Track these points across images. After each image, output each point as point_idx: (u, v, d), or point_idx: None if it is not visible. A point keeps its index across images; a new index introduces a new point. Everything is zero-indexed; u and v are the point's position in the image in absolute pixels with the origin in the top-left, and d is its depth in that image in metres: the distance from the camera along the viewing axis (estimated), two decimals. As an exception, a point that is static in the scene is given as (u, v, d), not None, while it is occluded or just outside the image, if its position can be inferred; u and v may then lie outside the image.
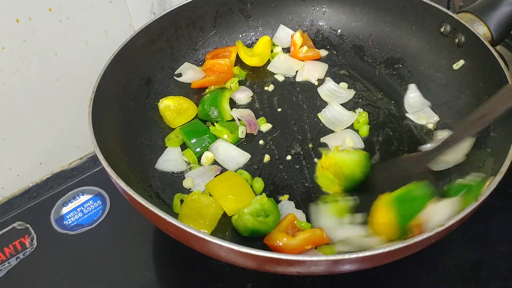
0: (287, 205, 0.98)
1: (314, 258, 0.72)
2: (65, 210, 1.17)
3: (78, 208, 1.17)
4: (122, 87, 1.12)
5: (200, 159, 1.07)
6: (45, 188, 1.29)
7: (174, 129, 1.12)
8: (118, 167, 0.95)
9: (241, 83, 1.26)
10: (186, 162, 1.07)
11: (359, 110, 1.19)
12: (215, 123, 1.10)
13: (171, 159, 1.08)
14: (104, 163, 0.88)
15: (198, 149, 1.07)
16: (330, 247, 0.88)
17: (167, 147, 1.09)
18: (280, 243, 0.84)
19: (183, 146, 1.10)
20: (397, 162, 1.03)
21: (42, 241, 1.10)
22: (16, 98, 1.17)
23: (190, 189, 1.04)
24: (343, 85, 1.25)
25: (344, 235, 0.89)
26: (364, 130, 1.13)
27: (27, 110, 1.20)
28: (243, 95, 1.21)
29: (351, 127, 1.16)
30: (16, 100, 1.17)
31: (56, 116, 1.27)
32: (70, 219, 1.14)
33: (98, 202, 1.19)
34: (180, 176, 1.07)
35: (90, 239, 1.10)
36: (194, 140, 1.07)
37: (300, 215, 0.97)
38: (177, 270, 1.04)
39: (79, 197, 1.20)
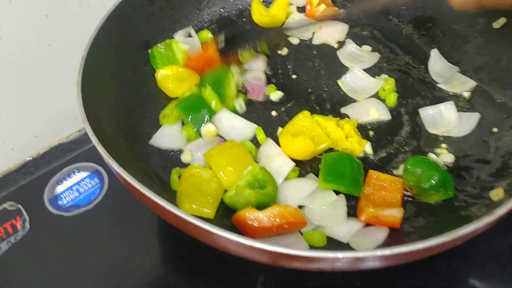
0: None
1: (338, 255, 0.61)
2: (59, 189, 1.09)
3: (74, 186, 1.09)
4: (117, 53, 1.02)
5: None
6: (42, 163, 1.20)
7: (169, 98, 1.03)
8: (112, 143, 0.85)
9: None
10: (185, 139, 0.97)
11: (385, 76, 1.07)
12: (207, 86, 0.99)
13: (168, 135, 0.96)
14: (95, 140, 0.78)
15: (197, 127, 0.96)
16: (318, 232, 0.80)
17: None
18: (243, 218, 0.76)
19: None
20: None
21: (35, 223, 1.03)
22: (5, 65, 1.08)
23: (190, 164, 0.93)
24: (366, 48, 1.13)
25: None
26: (392, 98, 1.01)
27: (18, 78, 1.12)
28: (258, 65, 1.08)
29: (376, 95, 1.04)
30: (4, 68, 1.09)
31: (50, 85, 1.18)
32: (65, 199, 1.07)
33: (95, 180, 1.10)
34: (181, 153, 0.96)
35: (87, 221, 1.02)
36: (192, 117, 0.97)
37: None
38: (181, 256, 0.95)
39: (75, 175, 1.12)
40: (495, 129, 0.93)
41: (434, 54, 1.08)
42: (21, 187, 1.10)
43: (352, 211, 0.85)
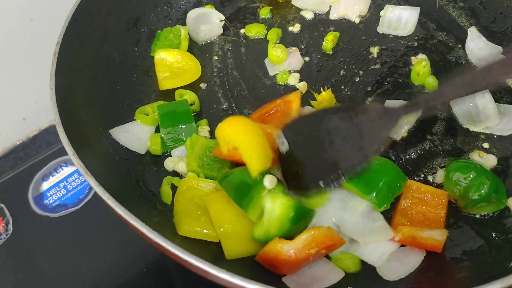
0: None
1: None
2: (45, 185, 1.01)
3: (61, 183, 1.01)
4: (101, 33, 0.91)
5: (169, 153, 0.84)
6: (33, 147, 1.14)
7: (171, 91, 0.91)
8: (95, 148, 0.77)
9: (260, 19, 1.03)
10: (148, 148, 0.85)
11: (419, 56, 0.93)
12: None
13: (133, 133, 0.84)
14: (69, 150, 0.66)
15: (169, 143, 0.83)
16: (349, 255, 0.69)
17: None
18: (273, 255, 0.64)
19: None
20: (357, 109, 0.75)
21: (18, 225, 0.96)
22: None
23: (176, 172, 0.82)
24: (392, 23, 0.99)
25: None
26: (431, 83, 0.87)
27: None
28: (295, 60, 0.94)
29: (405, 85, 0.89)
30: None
31: (33, 63, 1.08)
32: (51, 198, 0.99)
33: None
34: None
35: (75, 223, 0.96)
36: (168, 129, 0.83)
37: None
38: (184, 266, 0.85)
39: (62, 169, 1.04)
40: None
41: (472, 33, 0.93)
42: (5, 182, 1.03)
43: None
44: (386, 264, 0.68)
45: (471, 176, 0.72)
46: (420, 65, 0.89)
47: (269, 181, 0.67)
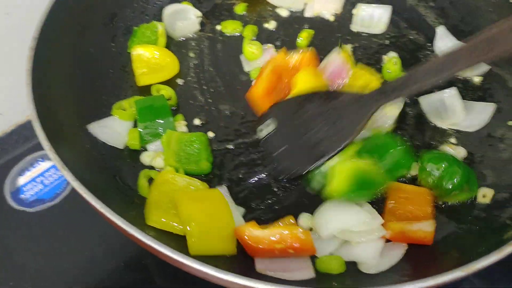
0: None
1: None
2: (22, 180, 1.01)
3: (38, 178, 1.01)
4: (77, 29, 0.92)
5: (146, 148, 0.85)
6: (10, 142, 1.11)
7: (148, 86, 0.92)
8: (71, 143, 0.78)
9: (236, 16, 1.04)
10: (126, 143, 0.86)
11: (390, 54, 0.96)
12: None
13: (111, 128, 0.85)
14: (46, 145, 0.67)
15: (147, 137, 0.84)
16: (334, 257, 0.71)
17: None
18: (243, 235, 0.68)
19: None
20: (334, 95, 0.83)
21: None
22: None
23: (153, 166, 0.83)
24: (366, 22, 1.02)
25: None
26: None
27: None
28: (270, 56, 0.95)
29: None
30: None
31: (9, 58, 1.06)
32: (28, 193, 0.99)
33: None
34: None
35: (52, 218, 0.95)
36: (146, 123, 0.84)
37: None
38: (161, 260, 0.85)
39: (39, 164, 1.03)
40: (510, 122, 0.84)
41: (441, 31, 0.97)
42: (-21, 179, 1.03)
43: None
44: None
45: (444, 166, 0.75)
46: (391, 62, 0.92)
47: None
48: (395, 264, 0.68)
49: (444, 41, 0.95)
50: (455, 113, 0.85)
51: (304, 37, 0.97)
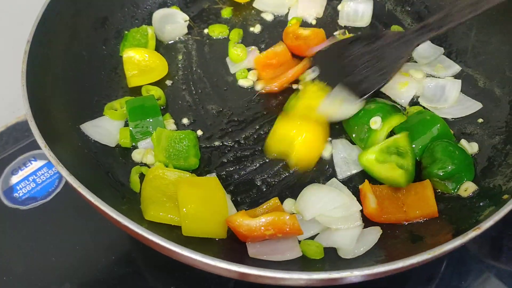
0: None
1: (304, 276, 0.56)
2: (14, 179, 1.02)
3: (30, 177, 1.03)
4: (69, 32, 0.94)
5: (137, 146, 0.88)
6: (0, 144, 1.13)
7: (138, 87, 0.95)
8: (65, 141, 0.80)
9: (223, 20, 1.07)
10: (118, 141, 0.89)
11: None
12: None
13: (103, 128, 0.88)
14: (42, 143, 0.70)
15: (138, 135, 0.87)
16: (316, 243, 0.74)
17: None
18: (233, 224, 0.72)
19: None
20: (375, 35, 0.89)
21: None
22: None
23: (144, 162, 0.86)
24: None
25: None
26: None
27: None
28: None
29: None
30: None
31: (0, 60, 1.09)
32: (21, 191, 1.01)
33: (53, 169, 1.03)
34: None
35: (44, 215, 0.97)
36: (137, 122, 0.87)
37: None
38: (150, 254, 0.87)
39: (31, 163, 1.05)
40: (480, 120, 0.88)
41: None
42: (-27, 177, 1.03)
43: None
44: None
45: (442, 154, 0.79)
46: None
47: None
48: (370, 249, 0.72)
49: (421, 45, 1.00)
50: (447, 100, 0.90)
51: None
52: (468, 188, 0.78)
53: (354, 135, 0.85)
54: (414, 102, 0.92)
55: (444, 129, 0.83)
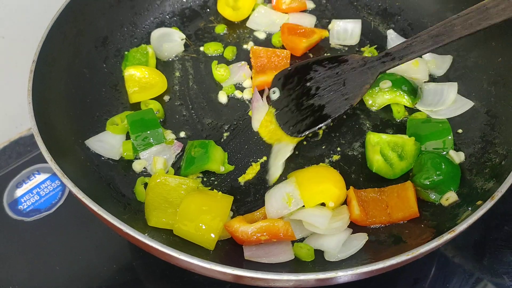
0: None
1: (301, 277, 0.60)
2: (19, 192, 1.06)
3: (34, 189, 1.06)
4: (72, 51, 0.97)
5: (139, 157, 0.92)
6: (3, 158, 1.17)
7: (137, 103, 0.99)
8: (69, 155, 0.84)
9: (217, 38, 1.11)
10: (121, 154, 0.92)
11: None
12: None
13: (106, 142, 0.91)
14: (48, 157, 0.74)
15: (140, 147, 0.90)
16: (307, 246, 0.78)
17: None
18: (231, 229, 0.76)
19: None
20: (339, 59, 0.89)
21: None
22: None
23: (144, 173, 0.90)
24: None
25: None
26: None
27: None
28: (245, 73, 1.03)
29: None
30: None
31: (5, 77, 1.13)
32: (25, 203, 1.04)
33: (56, 182, 1.07)
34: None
35: (48, 226, 1.00)
36: (138, 134, 0.90)
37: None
38: (150, 262, 0.93)
39: (35, 177, 1.08)
40: (460, 130, 0.92)
41: (391, 34, 1.07)
42: (-21, 191, 1.06)
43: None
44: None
45: (430, 164, 0.82)
46: (368, 54, 1.04)
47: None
48: (356, 253, 0.76)
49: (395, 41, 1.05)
50: (444, 103, 0.95)
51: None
52: (449, 198, 0.82)
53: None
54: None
55: (451, 142, 0.86)
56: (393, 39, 1.06)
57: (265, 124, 0.92)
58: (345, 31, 1.09)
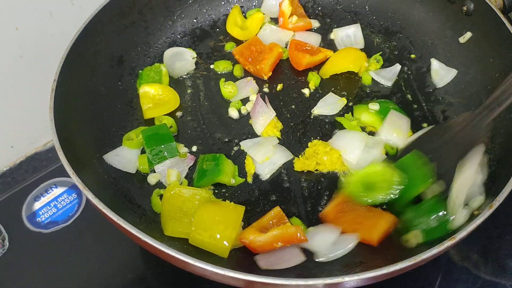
0: None
1: (310, 282, 0.64)
2: (37, 205, 1.09)
3: (52, 202, 1.10)
4: (89, 70, 1.01)
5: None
6: (19, 172, 1.21)
7: (151, 118, 1.03)
8: (88, 168, 0.88)
9: (226, 56, 1.16)
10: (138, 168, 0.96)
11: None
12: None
13: (123, 157, 0.95)
14: (70, 171, 0.78)
15: (154, 161, 0.94)
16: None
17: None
18: (247, 241, 0.79)
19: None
20: (445, 128, 0.88)
21: (14, 241, 1.03)
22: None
23: (159, 185, 0.94)
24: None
25: None
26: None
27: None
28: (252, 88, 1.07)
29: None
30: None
31: (21, 96, 1.17)
32: (43, 216, 1.07)
33: (73, 195, 1.10)
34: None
35: (65, 237, 1.03)
36: (152, 147, 0.94)
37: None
38: (164, 272, 0.96)
39: (52, 190, 1.12)
40: None
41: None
42: (0, 203, 1.10)
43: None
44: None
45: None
46: (374, 60, 1.09)
47: None
48: (345, 255, 0.79)
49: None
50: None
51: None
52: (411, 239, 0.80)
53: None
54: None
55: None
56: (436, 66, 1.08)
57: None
58: (348, 36, 1.14)
